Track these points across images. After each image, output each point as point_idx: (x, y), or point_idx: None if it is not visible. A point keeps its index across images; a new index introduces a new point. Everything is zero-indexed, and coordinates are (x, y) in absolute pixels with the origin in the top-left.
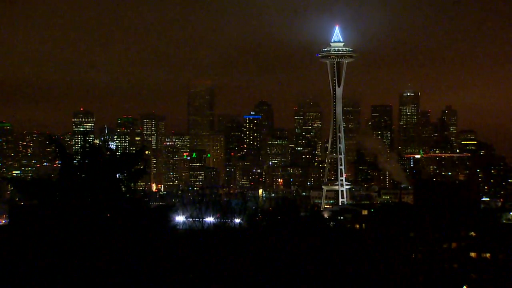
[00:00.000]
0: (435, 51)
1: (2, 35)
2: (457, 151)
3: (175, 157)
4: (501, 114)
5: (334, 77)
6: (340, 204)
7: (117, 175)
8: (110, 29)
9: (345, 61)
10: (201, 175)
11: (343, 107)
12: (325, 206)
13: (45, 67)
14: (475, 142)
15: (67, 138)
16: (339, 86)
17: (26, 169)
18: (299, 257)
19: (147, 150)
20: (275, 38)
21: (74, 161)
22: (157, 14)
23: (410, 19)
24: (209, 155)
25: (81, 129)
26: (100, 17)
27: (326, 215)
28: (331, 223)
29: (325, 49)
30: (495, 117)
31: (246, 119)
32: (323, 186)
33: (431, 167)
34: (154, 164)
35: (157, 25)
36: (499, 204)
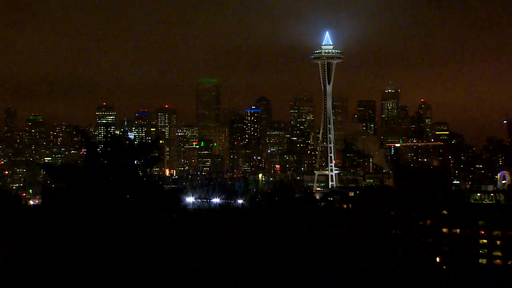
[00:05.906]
0: (413, 53)
1: (35, 40)
2: (432, 140)
3: (186, 146)
4: (470, 108)
5: (325, 76)
6: (330, 187)
7: (135, 161)
8: (127, 32)
9: (334, 61)
10: (208, 162)
11: (332, 102)
12: (317, 189)
13: (72, 67)
14: (447, 132)
15: (91, 129)
16: (329, 84)
17: (56, 156)
18: (293, 233)
19: (161, 139)
20: (274, 41)
21: (98, 149)
22: (168, 20)
23: (390, 26)
24: (215, 144)
25: (104, 121)
26: (120, 21)
27: (317, 197)
28: (322, 204)
29: (317, 51)
30: (465, 111)
31: (248, 112)
32: (315, 171)
33: (409, 154)
34: (167, 152)
35: (167, 30)
36: (468, 186)
